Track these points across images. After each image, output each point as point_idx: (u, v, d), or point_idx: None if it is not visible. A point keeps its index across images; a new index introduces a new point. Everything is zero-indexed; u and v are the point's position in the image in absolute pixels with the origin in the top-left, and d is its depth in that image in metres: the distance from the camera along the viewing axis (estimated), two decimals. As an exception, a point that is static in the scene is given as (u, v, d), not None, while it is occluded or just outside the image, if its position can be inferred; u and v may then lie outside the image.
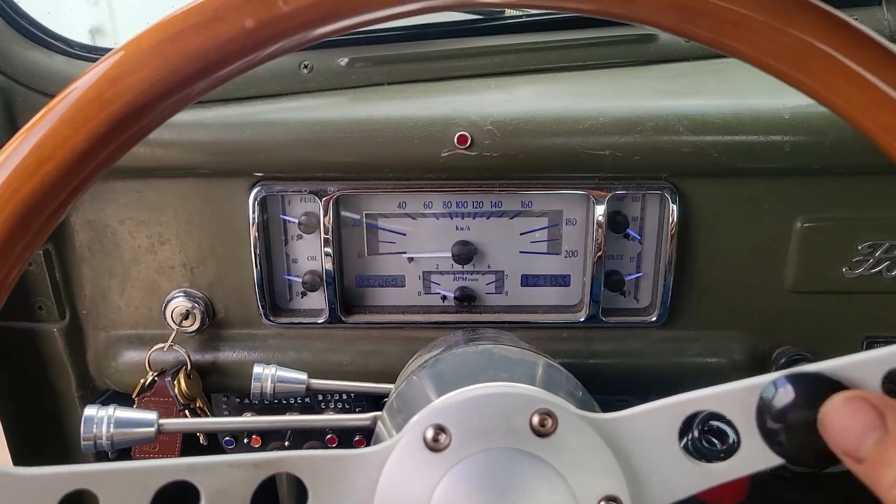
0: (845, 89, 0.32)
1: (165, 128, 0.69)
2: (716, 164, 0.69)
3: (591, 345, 0.78)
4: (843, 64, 0.31)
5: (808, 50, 0.31)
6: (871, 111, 0.32)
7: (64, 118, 0.31)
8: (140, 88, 0.31)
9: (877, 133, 0.32)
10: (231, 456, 0.35)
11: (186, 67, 0.31)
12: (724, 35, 0.32)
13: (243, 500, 0.35)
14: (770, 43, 0.32)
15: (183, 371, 0.76)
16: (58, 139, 0.31)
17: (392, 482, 0.37)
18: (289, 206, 0.75)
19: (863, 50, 0.31)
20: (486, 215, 0.75)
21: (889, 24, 0.82)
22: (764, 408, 0.34)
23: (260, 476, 0.35)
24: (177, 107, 0.33)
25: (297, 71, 0.76)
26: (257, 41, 0.32)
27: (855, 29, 0.31)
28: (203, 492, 0.34)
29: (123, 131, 0.32)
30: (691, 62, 0.80)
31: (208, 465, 0.35)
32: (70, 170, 0.32)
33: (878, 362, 0.33)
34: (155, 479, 0.34)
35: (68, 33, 0.75)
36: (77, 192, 0.32)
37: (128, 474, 0.34)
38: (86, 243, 0.76)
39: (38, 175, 0.31)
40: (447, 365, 0.50)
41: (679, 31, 0.32)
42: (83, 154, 0.31)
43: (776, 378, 0.34)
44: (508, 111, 0.69)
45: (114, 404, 0.55)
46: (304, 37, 0.32)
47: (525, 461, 0.37)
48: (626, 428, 0.37)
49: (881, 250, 0.73)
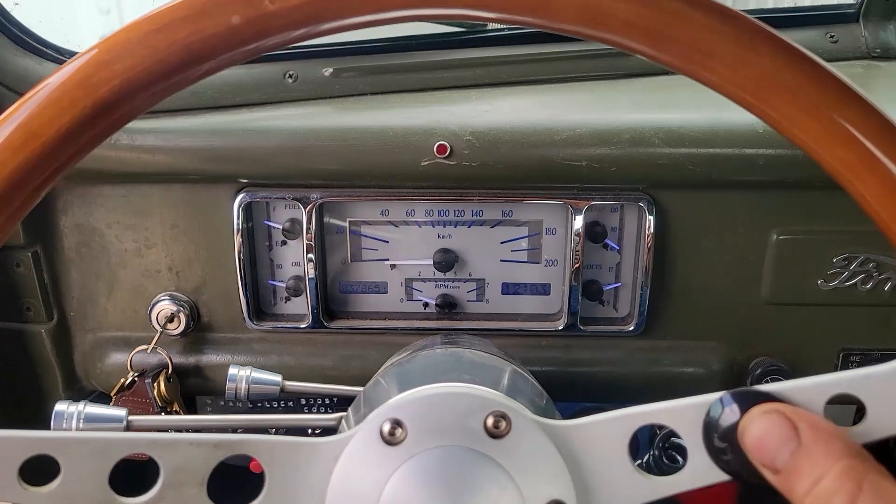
0: (805, 124, 0.33)
1: (152, 134, 0.71)
2: (692, 176, 0.70)
3: (570, 353, 0.78)
4: (803, 99, 0.32)
5: (771, 83, 0.32)
6: (828, 146, 0.32)
7: (52, 98, 0.32)
8: (126, 75, 0.32)
9: (834, 167, 0.33)
10: (192, 434, 0.36)
11: (172, 58, 0.33)
12: (694, 63, 0.33)
13: (202, 478, 0.36)
14: (736, 74, 0.32)
15: (164, 374, 0.77)
16: (45, 118, 0.32)
17: (346, 471, 0.38)
18: (273, 213, 0.76)
19: (822, 86, 0.32)
20: (467, 224, 0.76)
21: (866, 40, 0.84)
22: (710, 425, 0.35)
23: (219, 456, 0.36)
24: (160, 95, 0.34)
25: (282, 80, 0.78)
26: (242, 38, 0.33)
27: (816, 64, 0.32)
28: (162, 467, 0.35)
29: (108, 115, 0.33)
30: (668, 76, 0.81)
31: (169, 441, 0.36)
32: (54, 149, 0.33)
33: (822, 387, 0.34)
34: (116, 450, 0.35)
35: (80, 41, 0.77)
36: (59, 172, 0.33)
37: (90, 443, 0.35)
38: (74, 246, 0.77)
39: (24, 151, 0.32)
40: (413, 365, 0.52)
41: (649, 55, 0.33)
42: (68, 134, 0.33)
43: (723, 395, 0.35)
44: (488, 122, 0.70)
45: (84, 400, 0.57)
46: (287, 36, 0.33)
47: (477, 460, 0.38)
48: (579, 435, 0.38)
49: (856, 263, 0.74)
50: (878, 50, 0.84)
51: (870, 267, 0.74)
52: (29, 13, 0.75)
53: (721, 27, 0.32)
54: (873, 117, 0.32)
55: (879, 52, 0.84)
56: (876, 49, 0.84)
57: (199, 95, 0.75)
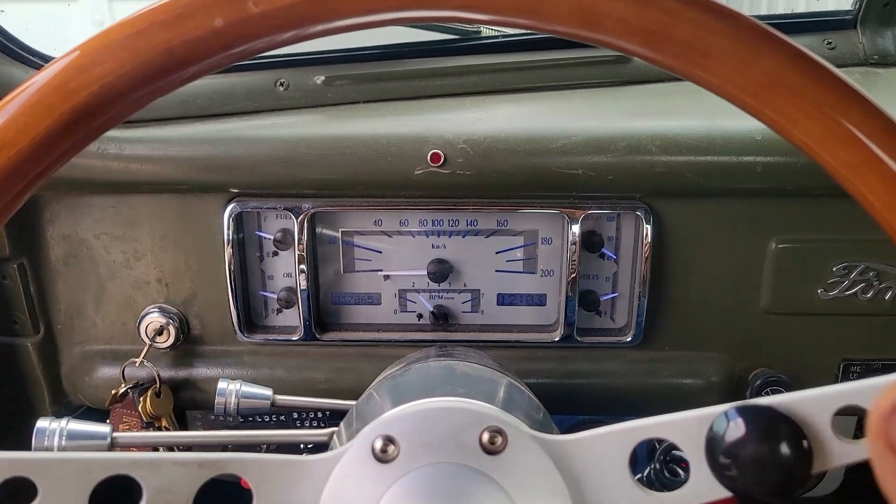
0: (806, 125, 0.31)
1: (140, 143, 0.70)
2: (689, 185, 0.69)
3: (567, 364, 0.77)
4: (804, 99, 0.31)
5: (771, 83, 0.31)
6: (830, 147, 0.31)
7: (27, 105, 0.31)
8: (105, 80, 0.31)
9: (837, 169, 0.32)
10: (177, 454, 0.34)
11: (153, 62, 0.31)
12: (692, 64, 0.32)
13: (187, 499, 0.34)
14: (735, 74, 0.31)
15: (151, 389, 0.75)
16: (19, 125, 0.31)
17: (337, 490, 0.36)
18: (264, 223, 0.75)
19: (823, 86, 0.31)
20: (461, 234, 0.75)
21: (864, 47, 0.83)
22: (713, 440, 0.34)
23: (205, 476, 0.35)
24: (142, 101, 0.32)
25: (273, 88, 0.76)
26: (226, 41, 0.32)
27: (817, 64, 0.31)
28: (145, 488, 0.34)
29: (87, 122, 0.31)
30: (665, 83, 0.81)
31: (153, 461, 0.34)
32: (30, 157, 0.31)
33: (829, 398, 0.33)
34: (97, 471, 0.33)
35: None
36: (35, 182, 0.32)
37: (69, 465, 0.33)
38: (61, 258, 0.76)
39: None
40: (406, 379, 0.50)
41: (645, 57, 0.32)
42: (44, 142, 0.31)
43: (727, 409, 0.33)
44: (482, 130, 0.69)
45: (67, 416, 0.55)
46: (273, 40, 0.32)
47: (472, 477, 0.37)
48: (577, 451, 0.36)
49: (856, 272, 0.73)
50: (875, 57, 0.84)
51: (870, 276, 0.73)
52: (15, 22, 0.73)
53: (719, 26, 0.31)
54: (877, 117, 0.31)
55: (877, 58, 0.84)
56: (874, 56, 0.84)
57: (188, 104, 0.73)
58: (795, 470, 0.32)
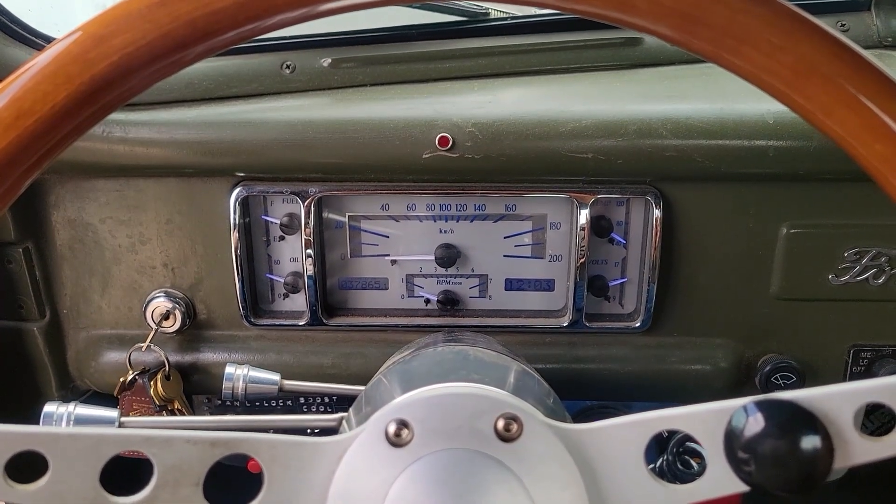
0: (841, 115, 0.31)
1: (146, 126, 0.69)
2: (700, 169, 0.69)
3: (575, 350, 0.77)
4: (841, 89, 0.30)
5: (807, 71, 0.30)
6: (866, 139, 0.31)
7: (46, 73, 0.30)
8: (126, 50, 0.30)
9: (871, 163, 0.31)
10: (189, 432, 0.34)
11: (175, 34, 0.30)
12: (724, 49, 0.31)
13: (198, 478, 0.34)
14: (770, 60, 0.30)
15: (161, 372, 0.75)
16: (38, 94, 0.30)
17: (349, 473, 0.36)
18: (271, 207, 0.74)
19: (862, 76, 0.30)
20: (469, 218, 0.75)
21: (878, 29, 0.82)
22: (732, 434, 0.33)
23: (216, 455, 0.34)
24: (161, 74, 0.31)
25: (280, 71, 0.76)
26: (249, 14, 0.31)
27: (856, 53, 0.30)
28: (156, 465, 0.34)
29: (106, 93, 0.31)
30: (676, 66, 0.80)
31: (165, 438, 0.34)
32: (49, 127, 0.30)
33: (853, 395, 0.32)
34: (108, 447, 0.33)
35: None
36: (53, 152, 0.31)
37: (81, 440, 0.33)
38: (66, 242, 0.75)
39: (15, 129, 0.30)
40: (418, 363, 0.50)
41: (676, 41, 0.31)
42: (63, 112, 0.30)
43: (747, 403, 0.33)
44: (491, 113, 0.69)
45: (75, 401, 0.55)
46: (303, 13, 0.31)
47: (486, 464, 0.37)
48: (593, 440, 0.36)
49: (868, 257, 0.72)
50: (889, 39, 0.83)
51: (882, 261, 0.72)
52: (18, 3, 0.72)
53: (757, 11, 0.30)
54: None
55: (891, 40, 0.83)
56: (888, 38, 0.83)
57: (193, 86, 0.73)
58: (817, 466, 0.32)
